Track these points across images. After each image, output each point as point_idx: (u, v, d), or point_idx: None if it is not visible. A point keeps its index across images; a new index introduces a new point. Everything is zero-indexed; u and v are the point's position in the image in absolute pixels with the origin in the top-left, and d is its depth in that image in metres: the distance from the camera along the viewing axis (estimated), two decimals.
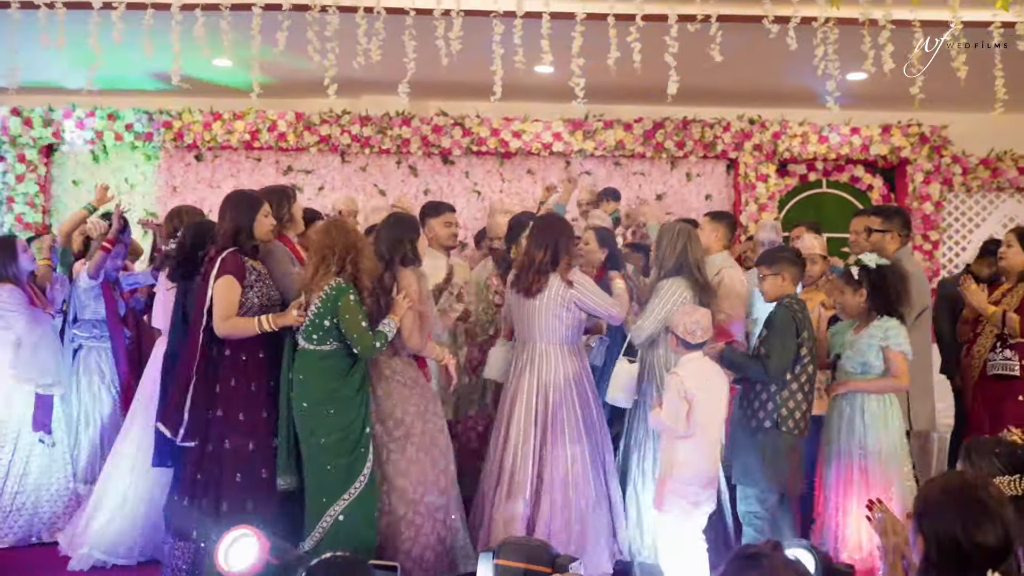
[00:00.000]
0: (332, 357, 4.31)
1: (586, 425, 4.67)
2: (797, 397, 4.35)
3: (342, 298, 4.23)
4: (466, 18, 5.23)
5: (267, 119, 8.35)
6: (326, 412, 4.27)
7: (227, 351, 4.40)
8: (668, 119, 8.49)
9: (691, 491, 4.17)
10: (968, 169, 8.61)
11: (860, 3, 5.09)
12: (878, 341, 4.37)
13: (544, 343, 4.68)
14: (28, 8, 5.19)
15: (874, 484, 4.36)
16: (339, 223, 4.53)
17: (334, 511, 4.25)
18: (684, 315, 4.31)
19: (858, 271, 4.42)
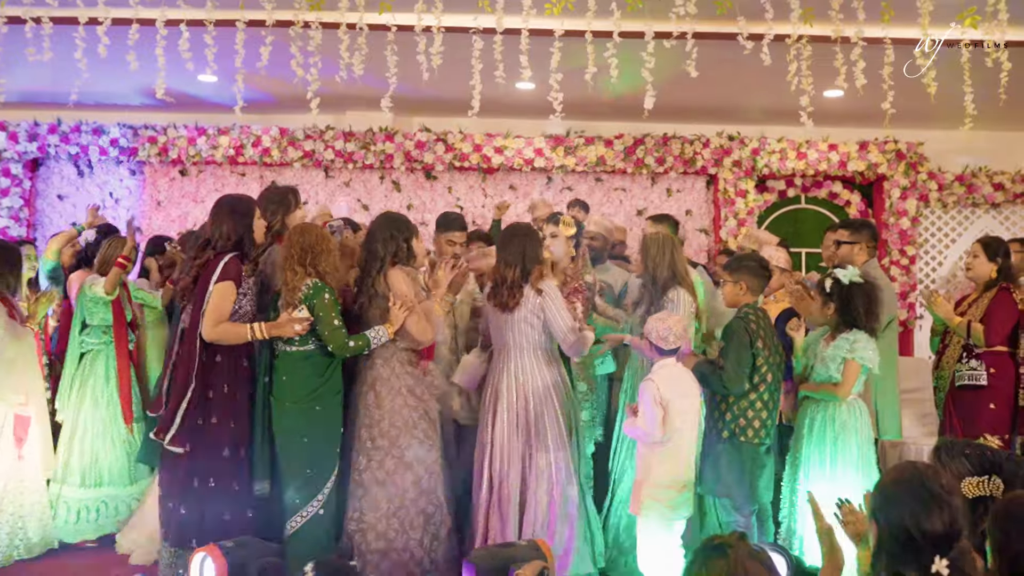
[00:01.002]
0: (313, 357, 4.39)
1: (566, 431, 4.69)
2: (756, 406, 4.44)
3: (318, 297, 4.31)
4: (447, 35, 5.30)
5: (251, 134, 8.42)
6: (312, 409, 4.34)
7: (218, 357, 4.43)
8: (648, 135, 8.60)
9: (668, 495, 4.24)
10: (944, 185, 8.75)
11: (833, 21, 5.19)
12: (843, 353, 4.46)
13: (519, 351, 4.68)
14: (15, 23, 5.23)
15: (841, 491, 4.42)
16: (301, 226, 4.56)
17: (306, 512, 4.31)
18: (658, 321, 4.39)
19: (830, 284, 4.51)
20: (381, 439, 4.49)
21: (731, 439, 4.44)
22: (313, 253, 4.36)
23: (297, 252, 4.36)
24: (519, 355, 4.68)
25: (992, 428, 5.10)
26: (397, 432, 4.50)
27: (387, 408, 4.51)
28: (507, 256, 4.64)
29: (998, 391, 5.19)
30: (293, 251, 4.38)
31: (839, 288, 4.49)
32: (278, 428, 4.39)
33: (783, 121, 8.45)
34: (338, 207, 8.19)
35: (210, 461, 4.40)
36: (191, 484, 4.39)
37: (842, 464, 4.48)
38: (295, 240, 4.40)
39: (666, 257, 4.84)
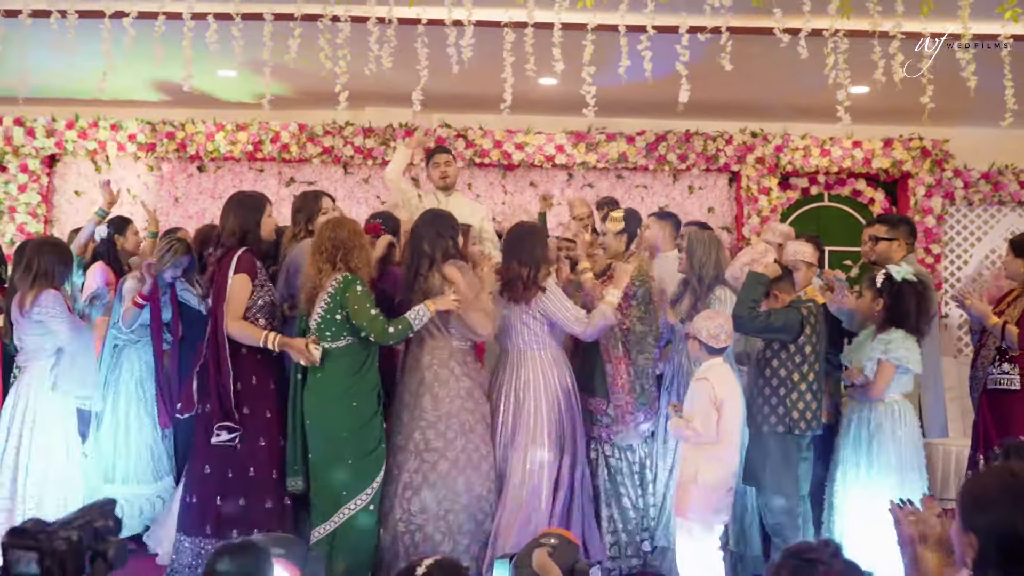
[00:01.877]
0: (347, 353, 4.34)
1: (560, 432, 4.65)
2: (807, 397, 4.39)
3: (349, 290, 4.25)
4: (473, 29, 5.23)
5: (270, 130, 8.35)
6: (349, 405, 4.30)
7: (243, 349, 4.49)
8: (671, 132, 8.51)
9: (715, 498, 4.18)
10: (970, 183, 8.64)
11: (870, 14, 5.09)
12: (877, 353, 4.39)
13: (521, 352, 4.69)
14: (40, 16, 5.15)
15: (879, 493, 4.36)
16: (333, 221, 4.54)
17: (353, 506, 4.26)
18: (707, 320, 4.32)
19: (882, 281, 4.43)
20: (437, 441, 4.44)
21: (787, 432, 4.37)
22: (345, 249, 4.31)
23: (328, 247, 4.31)
24: (522, 356, 4.68)
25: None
26: (454, 435, 4.46)
27: (444, 410, 4.47)
28: (521, 255, 4.63)
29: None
30: (324, 246, 4.33)
31: (890, 285, 4.40)
32: (316, 425, 4.35)
33: (807, 118, 8.38)
34: None
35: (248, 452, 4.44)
36: (227, 475, 4.43)
37: (878, 466, 4.41)
38: (326, 235, 4.36)
39: (712, 256, 4.83)
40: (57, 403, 5.04)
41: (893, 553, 4.07)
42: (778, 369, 4.44)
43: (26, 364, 5.09)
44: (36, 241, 5.40)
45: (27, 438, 4.98)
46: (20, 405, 5.00)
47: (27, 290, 4.92)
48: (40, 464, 4.99)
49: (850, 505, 4.49)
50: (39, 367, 5.03)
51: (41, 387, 5.02)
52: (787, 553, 2.22)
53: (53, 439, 5.01)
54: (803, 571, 2.10)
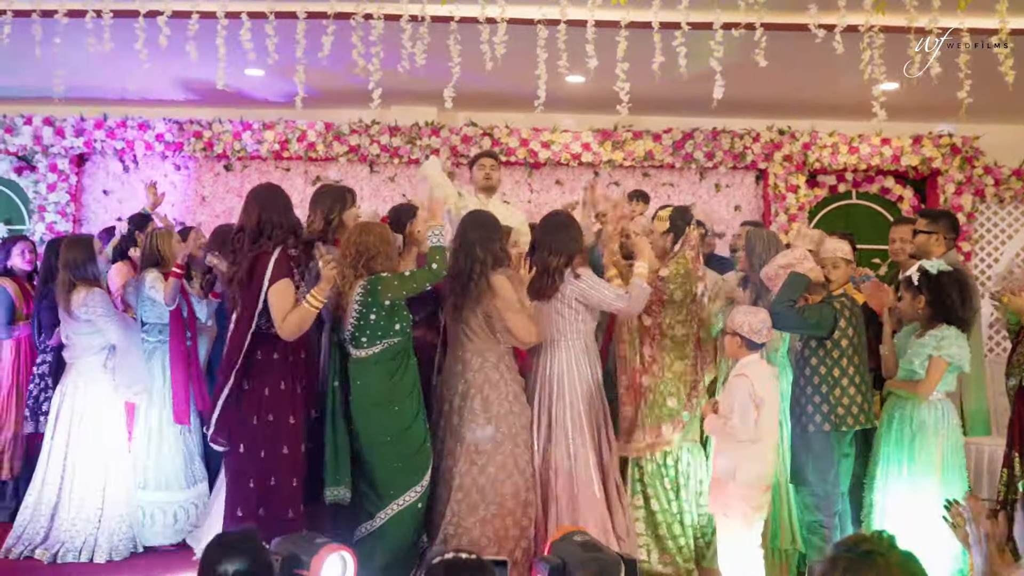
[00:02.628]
0: (384, 357, 4.32)
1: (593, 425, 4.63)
2: (850, 392, 4.36)
3: (380, 284, 4.24)
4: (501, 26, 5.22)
5: (297, 129, 8.37)
6: (390, 411, 4.29)
7: (275, 355, 4.35)
8: (697, 129, 8.47)
9: (754, 495, 4.15)
10: (1000, 180, 8.55)
11: (906, 10, 5.05)
12: (929, 350, 4.33)
13: (555, 343, 4.65)
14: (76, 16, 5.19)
15: (920, 492, 4.34)
16: (362, 226, 4.49)
17: (401, 503, 4.29)
18: (749, 315, 4.29)
19: (919, 277, 4.38)
20: (486, 444, 4.43)
21: (833, 430, 4.35)
22: (369, 255, 4.29)
23: (352, 252, 4.30)
24: (556, 347, 4.65)
25: None
26: (502, 438, 4.45)
27: (494, 413, 4.46)
28: (552, 244, 4.59)
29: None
30: (348, 251, 4.32)
31: (928, 280, 4.36)
32: (361, 430, 4.35)
33: (835, 115, 8.34)
34: None
35: (266, 458, 4.31)
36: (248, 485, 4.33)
37: (920, 465, 4.37)
38: (352, 239, 4.34)
39: (772, 253, 4.77)
40: (104, 399, 5.09)
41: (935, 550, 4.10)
42: (818, 367, 4.41)
43: (73, 360, 5.14)
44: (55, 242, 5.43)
45: (75, 434, 5.03)
46: (68, 402, 5.05)
47: (69, 289, 4.96)
48: (87, 459, 5.03)
49: (891, 503, 4.44)
50: (87, 364, 5.08)
51: (88, 383, 5.07)
52: (841, 546, 2.17)
53: (101, 435, 5.06)
54: (860, 564, 2.06)
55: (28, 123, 8.32)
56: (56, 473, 5.05)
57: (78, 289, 4.96)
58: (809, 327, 4.38)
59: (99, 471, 5.06)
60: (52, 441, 5.08)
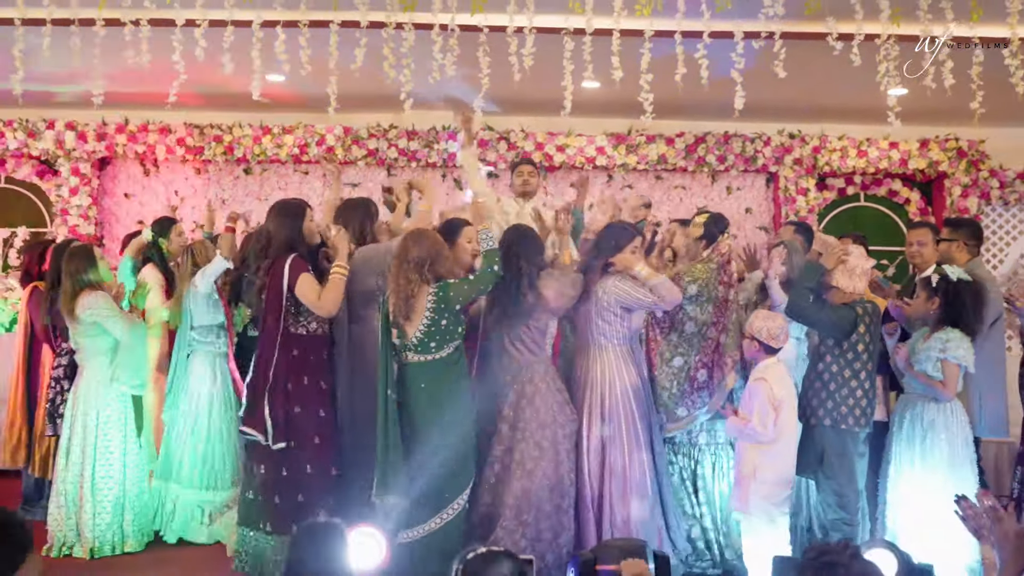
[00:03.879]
0: (451, 360, 4.48)
1: (642, 427, 4.75)
2: (857, 394, 4.48)
3: (450, 290, 4.39)
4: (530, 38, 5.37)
5: (316, 133, 8.50)
6: (460, 413, 4.46)
7: (295, 352, 4.64)
8: (709, 134, 8.63)
9: (775, 493, 4.30)
10: (1005, 183, 8.72)
11: (921, 20, 5.21)
12: (936, 352, 4.49)
13: (599, 348, 4.76)
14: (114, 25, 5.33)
15: (931, 490, 4.49)
16: (416, 233, 4.62)
17: (455, 507, 4.42)
18: (768, 320, 4.44)
19: (937, 280, 4.54)
20: (533, 451, 4.58)
21: (833, 426, 4.48)
22: (432, 260, 4.42)
23: (414, 259, 4.40)
24: (599, 352, 4.76)
25: None
26: (548, 445, 4.60)
27: (540, 421, 4.59)
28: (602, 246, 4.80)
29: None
30: (407, 259, 4.42)
31: (946, 285, 4.51)
32: (426, 433, 4.44)
33: (844, 119, 8.49)
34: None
35: (301, 450, 4.60)
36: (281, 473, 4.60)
37: (932, 462, 4.52)
38: (410, 247, 4.45)
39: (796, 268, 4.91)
40: (117, 400, 5.24)
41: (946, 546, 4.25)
42: (831, 364, 4.55)
43: (84, 363, 5.29)
44: (61, 246, 5.57)
45: (91, 435, 5.18)
46: (81, 403, 5.21)
47: (73, 296, 5.11)
48: (103, 459, 5.19)
49: (904, 500, 4.60)
50: (96, 365, 5.22)
51: (100, 384, 5.22)
52: (808, 554, 2.29)
53: (113, 434, 5.21)
54: (823, 573, 2.17)
55: (50, 127, 8.44)
56: (76, 472, 5.20)
57: (82, 295, 5.12)
58: (825, 325, 4.51)
59: (116, 466, 5.23)
60: (69, 442, 5.23)
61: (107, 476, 5.21)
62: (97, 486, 5.19)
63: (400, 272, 4.41)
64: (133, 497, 5.31)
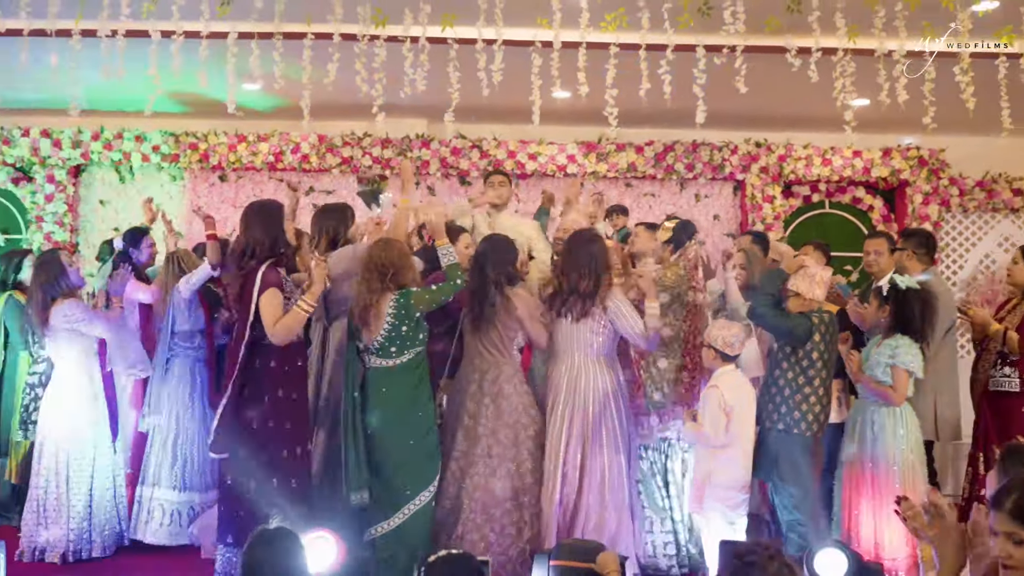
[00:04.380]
0: (411, 365, 4.60)
1: (621, 433, 4.88)
2: (810, 400, 4.61)
3: (410, 299, 4.51)
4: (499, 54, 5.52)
5: (290, 141, 8.61)
6: (416, 415, 4.58)
7: (272, 363, 4.55)
8: (678, 142, 8.81)
9: (730, 495, 4.47)
10: (965, 191, 8.97)
11: (876, 35, 5.40)
12: (886, 358, 4.65)
13: (583, 357, 4.85)
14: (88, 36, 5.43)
15: (883, 491, 4.64)
16: (382, 241, 4.73)
17: (417, 503, 4.55)
18: (723, 329, 4.59)
19: (888, 289, 4.71)
20: (496, 448, 4.76)
21: (786, 431, 4.63)
22: (395, 268, 4.54)
23: (378, 266, 4.52)
24: (581, 360, 4.86)
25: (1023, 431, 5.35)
26: (511, 444, 4.78)
27: (505, 421, 4.79)
28: (579, 266, 4.78)
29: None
30: (374, 264, 4.53)
31: (895, 293, 4.68)
32: (384, 435, 4.57)
33: (809, 127, 8.69)
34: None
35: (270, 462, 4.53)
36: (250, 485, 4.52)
37: (883, 464, 4.66)
38: (376, 255, 4.57)
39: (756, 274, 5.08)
40: (86, 400, 5.32)
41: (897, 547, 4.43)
42: (786, 371, 4.69)
43: (58, 369, 5.36)
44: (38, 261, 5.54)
45: (64, 441, 5.27)
46: (53, 407, 5.29)
47: (46, 306, 5.19)
48: (76, 464, 5.27)
49: (857, 501, 4.76)
50: (67, 369, 5.31)
51: (71, 388, 5.29)
52: (732, 554, 2.42)
53: (85, 440, 5.28)
54: (741, 573, 2.30)
55: (26, 135, 8.51)
56: (49, 477, 5.26)
57: (55, 304, 5.20)
58: (783, 332, 4.66)
59: (88, 471, 5.29)
60: (42, 447, 5.30)
61: (80, 481, 5.27)
62: (71, 490, 5.26)
63: (365, 278, 4.54)
64: (107, 501, 5.38)
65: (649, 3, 5.35)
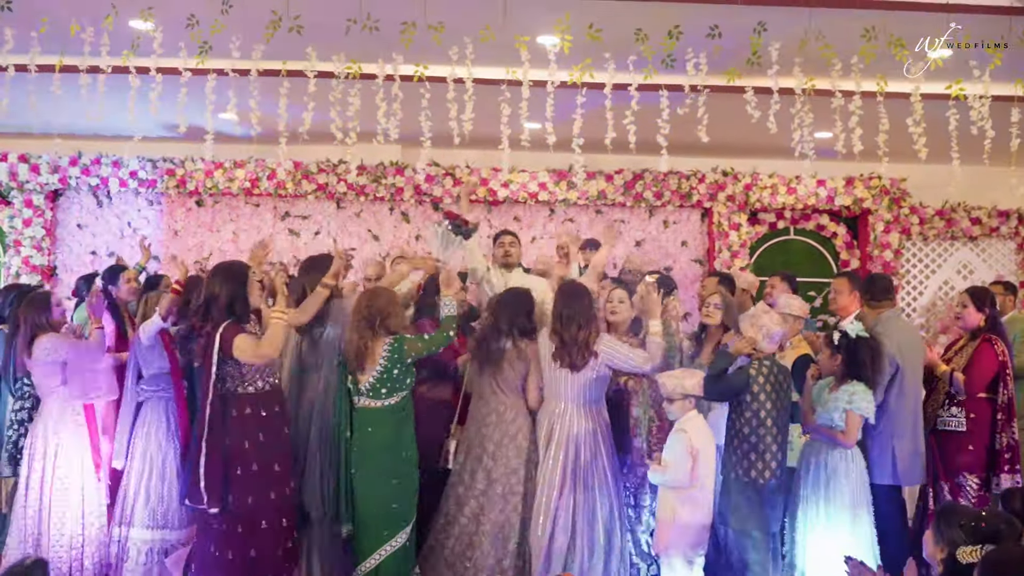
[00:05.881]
0: (398, 409, 4.80)
1: (611, 475, 5.07)
2: (759, 448, 4.69)
3: (404, 344, 4.73)
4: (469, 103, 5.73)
5: (267, 167, 8.75)
6: (400, 455, 4.77)
7: (248, 410, 4.64)
8: (647, 170, 9.03)
9: (691, 535, 4.67)
10: (925, 219, 9.25)
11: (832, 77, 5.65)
12: (843, 404, 4.82)
13: (575, 404, 5.05)
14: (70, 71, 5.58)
15: (834, 529, 4.82)
16: (371, 291, 5.02)
17: (395, 543, 4.72)
18: (689, 376, 4.77)
19: (838, 338, 4.90)
20: (496, 485, 4.99)
21: (739, 479, 4.75)
22: (383, 315, 4.76)
23: (366, 314, 4.76)
24: (571, 405, 5.06)
25: (970, 468, 5.51)
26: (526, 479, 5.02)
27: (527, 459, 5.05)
28: (577, 317, 4.99)
29: (976, 435, 5.53)
30: (362, 313, 4.77)
31: (846, 341, 4.86)
32: (367, 474, 4.75)
33: (775, 156, 8.89)
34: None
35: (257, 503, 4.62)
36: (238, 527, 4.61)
37: (835, 507, 4.83)
38: (364, 303, 4.81)
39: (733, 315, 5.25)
40: (73, 433, 5.41)
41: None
42: (735, 421, 4.84)
43: (43, 403, 5.46)
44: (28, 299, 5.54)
45: (48, 474, 5.35)
46: (40, 440, 5.37)
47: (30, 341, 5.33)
48: (60, 497, 5.36)
49: (810, 540, 4.91)
50: (54, 401, 5.40)
51: (58, 420, 5.39)
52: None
53: (71, 473, 5.37)
54: None
55: (3, 159, 8.60)
56: (34, 510, 5.35)
57: (39, 339, 5.34)
58: (731, 394, 4.80)
59: (73, 503, 5.35)
60: (28, 479, 5.38)
61: (63, 514, 5.34)
62: (53, 523, 5.35)
63: (355, 325, 4.78)
64: (91, 535, 5.45)
65: (615, 55, 5.59)
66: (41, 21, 5.41)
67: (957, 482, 5.55)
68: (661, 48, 5.49)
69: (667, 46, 5.49)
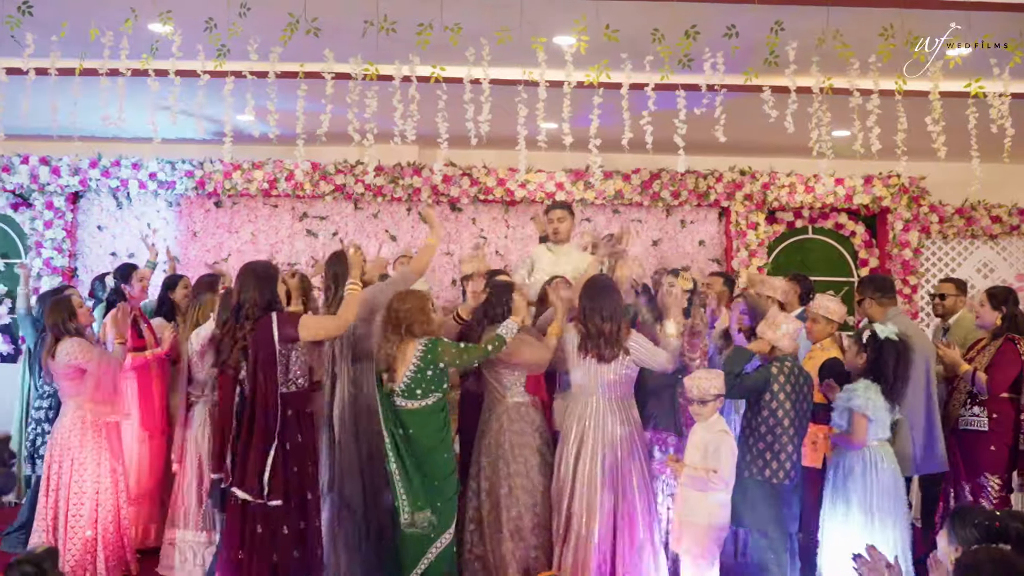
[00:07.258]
0: (435, 410, 4.86)
1: (647, 473, 5.06)
2: (774, 448, 4.73)
3: (439, 347, 4.80)
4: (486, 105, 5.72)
5: (284, 168, 8.78)
6: (442, 457, 4.83)
7: (289, 412, 4.60)
8: (664, 170, 9.01)
9: (713, 535, 4.66)
10: (944, 218, 9.19)
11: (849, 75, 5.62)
12: (843, 403, 4.82)
13: (604, 398, 5.03)
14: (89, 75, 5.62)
15: (855, 530, 4.79)
16: (401, 295, 4.96)
17: (440, 544, 4.79)
18: (715, 377, 4.77)
19: (867, 337, 4.87)
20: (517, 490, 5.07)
21: (752, 478, 4.78)
22: (408, 320, 4.81)
23: (394, 318, 4.84)
24: (604, 401, 5.04)
25: (992, 468, 5.52)
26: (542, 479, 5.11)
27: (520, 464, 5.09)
28: (603, 310, 4.97)
29: (998, 435, 5.53)
30: (390, 316, 4.85)
31: (874, 341, 4.83)
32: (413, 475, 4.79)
33: (792, 155, 8.88)
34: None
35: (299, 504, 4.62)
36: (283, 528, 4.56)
37: (855, 506, 4.82)
38: (393, 306, 4.87)
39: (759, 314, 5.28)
40: (92, 440, 5.47)
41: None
42: (751, 420, 4.86)
43: (63, 404, 5.54)
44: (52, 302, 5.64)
45: (65, 475, 5.42)
46: (59, 440, 5.45)
47: (54, 344, 5.40)
48: (75, 498, 5.43)
49: (833, 541, 4.92)
50: (74, 406, 5.46)
51: (76, 425, 5.45)
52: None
53: (86, 475, 5.43)
54: None
55: (25, 162, 8.68)
56: (52, 509, 5.42)
57: (62, 342, 5.41)
58: (753, 392, 4.81)
59: (88, 504, 5.42)
60: (47, 479, 5.45)
61: (78, 515, 5.41)
62: (69, 524, 5.40)
63: (384, 328, 4.87)
64: (108, 535, 5.50)
65: (632, 56, 5.58)
66: (61, 25, 5.46)
67: (979, 482, 5.53)
68: (678, 48, 5.48)
69: (684, 46, 5.48)
